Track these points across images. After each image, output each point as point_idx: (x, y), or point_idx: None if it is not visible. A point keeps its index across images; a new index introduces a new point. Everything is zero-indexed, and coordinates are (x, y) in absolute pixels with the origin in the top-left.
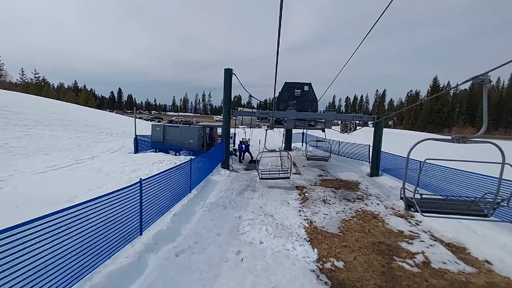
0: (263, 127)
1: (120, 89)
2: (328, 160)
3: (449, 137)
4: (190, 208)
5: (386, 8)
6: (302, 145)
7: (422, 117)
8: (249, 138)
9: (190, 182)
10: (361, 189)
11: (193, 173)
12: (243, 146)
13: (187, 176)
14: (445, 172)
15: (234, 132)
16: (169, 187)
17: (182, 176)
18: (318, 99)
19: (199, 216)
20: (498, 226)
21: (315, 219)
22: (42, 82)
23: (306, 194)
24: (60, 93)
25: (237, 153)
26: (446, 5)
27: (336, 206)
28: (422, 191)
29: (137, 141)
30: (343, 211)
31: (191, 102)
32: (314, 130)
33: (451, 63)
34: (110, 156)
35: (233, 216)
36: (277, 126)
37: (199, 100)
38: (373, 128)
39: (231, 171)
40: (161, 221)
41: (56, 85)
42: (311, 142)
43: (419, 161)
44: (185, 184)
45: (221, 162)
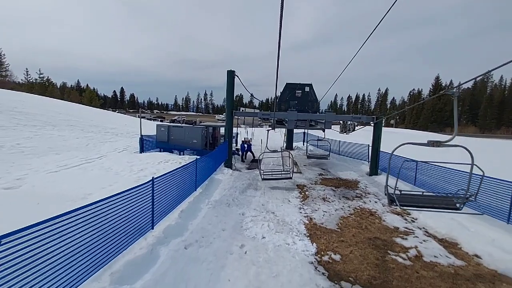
0: (264, 126)
1: (122, 89)
2: (327, 158)
3: (425, 142)
4: (196, 205)
5: (391, 7)
6: (303, 144)
7: (424, 116)
8: (251, 137)
9: (195, 181)
10: (360, 188)
11: (198, 172)
12: (245, 145)
13: (193, 175)
14: (439, 171)
15: (237, 132)
16: (177, 185)
17: (189, 175)
18: (320, 99)
19: (204, 212)
20: (489, 222)
21: (315, 216)
22: (46, 82)
23: (307, 193)
24: (64, 93)
25: (239, 152)
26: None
27: (335, 204)
28: (414, 187)
29: (142, 141)
30: (341, 208)
31: (193, 101)
32: (314, 130)
33: (454, 61)
34: (117, 155)
35: (237, 213)
36: (279, 126)
37: (201, 99)
38: (373, 127)
39: (234, 170)
40: (170, 217)
41: (59, 85)
42: (311, 141)
43: (415, 161)
44: (191, 183)
45: (224, 162)
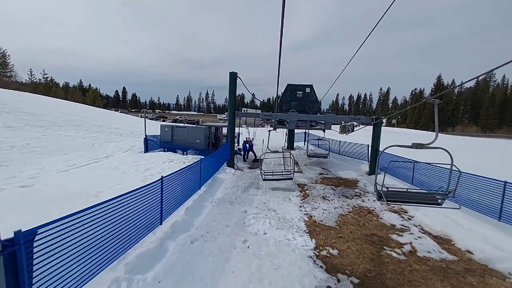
0: (266, 126)
1: (124, 88)
2: (327, 157)
3: (410, 144)
4: (201, 203)
5: (391, 4)
6: (304, 144)
7: (425, 115)
8: (252, 137)
9: (200, 180)
10: (359, 187)
11: (202, 172)
12: (247, 145)
13: (198, 174)
14: (435, 170)
15: (239, 132)
16: (183, 184)
17: (194, 174)
18: (321, 98)
19: (208, 210)
20: (482, 220)
21: (315, 213)
22: (50, 82)
23: (307, 191)
24: (68, 93)
25: (241, 152)
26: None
27: (334, 202)
28: (411, 186)
29: (147, 141)
30: (341, 207)
31: (195, 101)
32: (315, 130)
33: (457, 60)
34: (122, 155)
35: (239, 210)
36: (280, 127)
37: (202, 98)
38: (372, 128)
39: (236, 169)
40: (177, 213)
41: (61, 85)
42: (312, 141)
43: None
44: (196, 182)
45: (226, 161)
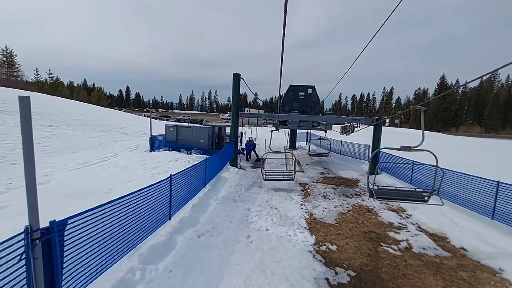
0: (268, 126)
1: (128, 87)
2: (327, 155)
3: (399, 147)
4: (206, 201)
5: (398, 4)
6: (306, 144)
7: (428, 115)
8: (255, 137)
9: (205, 178)
10: (359, 186)
11: (207, 171)
12: (250, 145)
13: (203, 173)
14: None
15: (241, 132)
16: (190, 182)
17: (199, 173)
18: (324, 98)
19: (213, 207)
20: (477, 219)
21: (315, 211)
22: (56, 81)
23: (308, 190)
24: (73, 92)
25: (244, 152)
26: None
27: (335, 201)
28: (403, 183)
29: (152, 140)
30: (341, 205)
31: (197, 100)
32: (317, 130)
33: (461, 60)
34: (129, 154)
35: (243, 208)
36: (282, 127)
37: (205, 98)
38: (373, 128)
39: (239, 168)
40: (184, 210)
41: (65, 83)
42: (313, 140)
43: (408, 161)
44: (201, 180)
45: (230, 160)
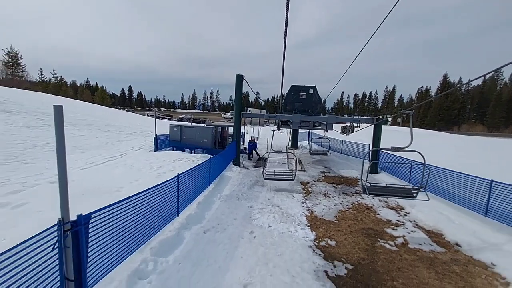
0: (270, 125)
1: (130, 87)
2: (327, 154)
3: (389, 148)
4: (210, 199)
5: (397, 2)
6: (307, 143)
7: (431, 114)
8: (257, 137)
9: (209, 177)
10: (360, 185)
11: (211, 170)
12: (251, 144)
13: (207, 172)
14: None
15: (244, 131)
16: (196, 180)
17: (204, 172)
18: (326, 97)
19: (217, 205)
20: (472, 216)
21: (316, 209)
22: (60, 81)
23: (309, 189)
24: (77, 92)
25: (247, 151)
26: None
27: (335, 199)
28: (402, 181)
29: (157, 140)
30: (341, 203)
31: (199, 99)
32: (318, 130)
33: (464, 58)
34: (135, 153)
35: (246, 206)
36: (284, 127)
37: (207, 97)
38: (373, 128)
39: (242, 168)
40: (190, 207)
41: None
42: (314, 140)
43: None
44: (206, 179)
45: (233, 160)
